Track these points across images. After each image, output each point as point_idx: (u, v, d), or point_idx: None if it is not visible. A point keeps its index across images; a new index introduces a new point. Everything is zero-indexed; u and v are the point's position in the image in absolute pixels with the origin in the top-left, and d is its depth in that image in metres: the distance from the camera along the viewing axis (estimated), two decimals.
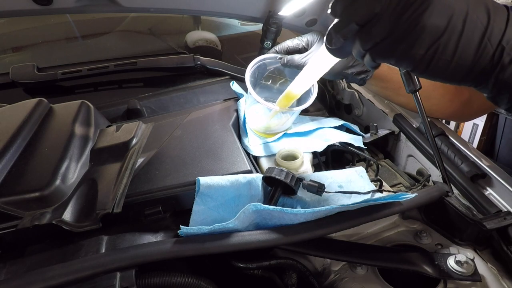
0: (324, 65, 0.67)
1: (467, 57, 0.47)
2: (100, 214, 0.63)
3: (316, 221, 0.62)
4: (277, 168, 0.69)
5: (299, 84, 0.78)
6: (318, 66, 0.69)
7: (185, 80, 1.16)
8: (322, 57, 0.64)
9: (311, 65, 0.71)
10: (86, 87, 1.12)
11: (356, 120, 1.13)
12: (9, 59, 1.43)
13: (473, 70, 0.48)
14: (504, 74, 0.48)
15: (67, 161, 0.69)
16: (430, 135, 0.74)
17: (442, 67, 0.48)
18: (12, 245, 0.63)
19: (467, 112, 0.95)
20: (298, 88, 0.79)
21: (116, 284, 0.52)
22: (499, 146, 1.66)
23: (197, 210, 0.67)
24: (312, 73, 0.73)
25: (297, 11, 1.00)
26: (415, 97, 0.73)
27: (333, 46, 0.53)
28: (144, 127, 0.82)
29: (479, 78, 0.49)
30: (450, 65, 0.47)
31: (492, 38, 0.46)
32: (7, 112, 0.81)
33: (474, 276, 0.61)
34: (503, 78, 0.48)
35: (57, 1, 0.90)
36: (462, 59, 0.47)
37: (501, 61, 0.47)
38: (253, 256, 0.66)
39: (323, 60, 0.65)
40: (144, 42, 1.54)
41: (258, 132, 0.92)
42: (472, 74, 0.49)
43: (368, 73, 0.88)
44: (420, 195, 0.68)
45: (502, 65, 0.47)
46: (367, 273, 0.67)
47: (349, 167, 0.87)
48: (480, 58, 0.47)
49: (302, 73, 0.75)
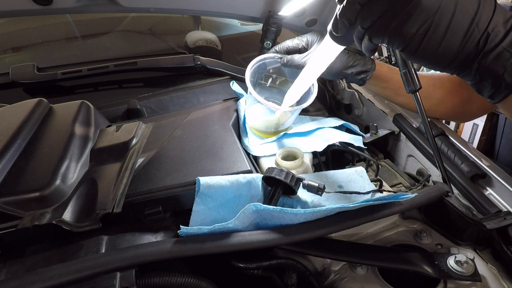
0: (328, 56, 0.68)
1: (455, 41, 0.49)
2: (100, 214, 0.62)
3: (316, 221, 0.62)
4: (277, 168, 0.69)
5: (305, 77, 0.79)
6: (322, 58, 0.70)
7: (185, 80, 1.16)
8: (326, 48, 0.66)
9: (315, 58, 0.73)
10: (86, 87, 1.12)
11: (356, 120, 1.13)
12: (9, 59, 1.43)
13: (459, 54, 0.50)
14: (486, 60, 0.49)
15: (67, 161, 0.69)
16: (430, 135, 0.74)
17: (431, 48, 0.50)
18: (12, 245, 0.63)
19: (467, 112, 0.95)
20: (304, 82, 0.80)
21: (116, 284, 0.52)
22: (499, 146, 1.66)
23: (197, 210, 0.67)
24: (316, 67, 0.74)
25: (297, 11, 1.00)
26: (415, 97, 0.73)
27: (339, 32, 0.56)
28: (144, 127, 0.82)
29: (464, 64, 0.51)
30: (439, 47, 0.49)
31: (480, 25, 0.49)
32: (7, 112, 0.81)
33: (474, 276, 0.61)
34: (485, 64, 0.50)
35: (57, 1, 0.90)
36: (451, 42, 0.49)
37: (485, 47, 0.49)
38: (253, 256, 0.66)
39: (327, 51, 0.67)
40: (144, 42, 1.54)
41: (258, 132, 0.92)
42: (458, 59, 0.50)
43: (368, 73, 0.88)
44: (420, 195, 0.68)
45: (485, 51, 0.49)
46: (367, 273, 0.67)
47: (349, 167, 0.87)
48: (467, 43, 0.49)
49: (306, 68, 0.76)
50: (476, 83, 0.54)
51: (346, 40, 0.59)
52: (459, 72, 0.53)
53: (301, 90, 0.82)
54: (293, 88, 0.83)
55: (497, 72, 0.50)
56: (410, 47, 0.50)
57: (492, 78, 0.51)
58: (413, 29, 0.48)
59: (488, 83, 0.53)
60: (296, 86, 0.82)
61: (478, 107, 0.93)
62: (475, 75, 0.52)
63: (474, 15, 0.48)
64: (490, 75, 0.51)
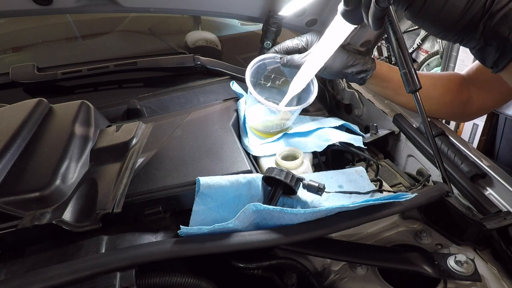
0: (337, 38, 0.69)
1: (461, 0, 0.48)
2: (100, 214, 0.62)
3: (316, 221, 0.62)
4: (277, 168, 0.69)
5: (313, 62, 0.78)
6: (332, 41, 0.70)
7: (185, 80, 1.16)
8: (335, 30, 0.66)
9: (323, 42, 0.72)
10: (86, 87, 1.12)
11: (356, 120, 1.13)
12: (9, 59, 1.43)
13: (465, 14, 0.49)
14: (492, 21, 0.48)
15: (67, 161, 0.69)
16: (430, 135, 0.74)
17: (437, 6, 0.49)
18: (12, 245, 0.63)
19: (467, 112, 0.96)
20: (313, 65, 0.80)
21: (116, 284, 0.52)
22: (499, 146, 1.65)
23: (197, 210, 0.67)
24: (324, 50, 0.74)
25: (297, 11, 1.00)
26: (415, 97, 0.73)
27: (349, 5, 0.56)
28: (144, 127, 0.82)
29: (469, 26, 0.50)
30: (445, 6, 0.48)
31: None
32: (7, 112, 0.81)
33: (474, 276, 0.61)
34: (491, 25, 0.49)
35: (57, 1, 0.90)
36: (457, 0, 0.48)
37: (492, 8, 0.48)
38: (253, 256, 0.66)
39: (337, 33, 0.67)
40: (144, 42, 1.54)
41: (258, 132, 0.92)
42: (464, 20, 0.49)
43: (368, 72, 0.88)
44: (420, 195, 0.68)
45: (491, 12, 0.48)
46: (367, 273, 0.67)
47: (349, 167, 0.87)
48: (474, 2, 0.48)
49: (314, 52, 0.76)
50: (480, 48, 0.53)
51: (356, 16, 0.59)
52: (463, 37, 0.52)
53: (308, 77, 0.82)
54: (299, 75, 0.82)
55: (503, 34, 0.49)
56: (414, 5, 0.49)
57: (498, 41, 0.50)
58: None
59: (492, 47, 0.51)
60: (303, 73, 0.81)
61: (478, 107, 0.93)
62: (479, 38, 0.51)
63: None
64: (496, 37, 0.50)
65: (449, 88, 0.90)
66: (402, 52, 0.66)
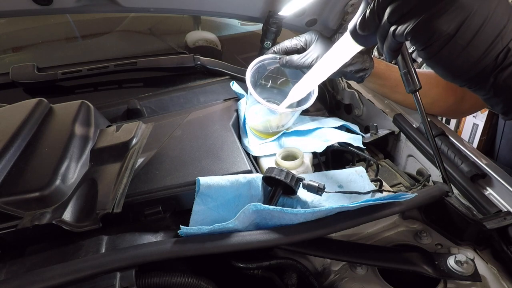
0: (343, 56, 0.67)
1: (478, 49, 0.47)
2: (100, 214, 0.62)
3: (316, 221, 0.62)
4: (277, 168, 0.69)
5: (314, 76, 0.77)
6: (337, 58, 0.68)
7: (185, 80, 1.16)
8: (343, 48, 0.64)
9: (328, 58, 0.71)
10: (86, 87, 1.12)
11: (356, 120, 1.13)
12: (9, 59, 1.43)
13: (478, 65, 0.48)
14: (502, 75, 0.48)
15: (67, 161, 0.69)
16: (430, 135, 0.74)
17: (453, 52, 0.48)
18: (12, 245, 0.63)
19: (460, 110, 0.98)
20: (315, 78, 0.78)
21: (116, 284, 0.52)
22: (499, 146, 1.65)
23: (197, 210, 0.67)
24: (328, 67, 0.72)
25: (297, 11, 1.00)
26: (415, 97, 0.73)
27: (366, 31, 0.54)
28: (144, 127, 0.82)
29: (479, 76, 0.50)
30: (461, 53, 0.47)
31: (504, 38, 0.47)
32: (7, 112, 0.81)
33: (474, 276, 0.61)
34: (501, 79, 0.49)
35: (57, 1, 0.90)
36: (474, 49, 0.47)
37: (504, 62, 0.47)
38: (253, 256, 0.66)
39: (343, 51, 0.65)
40: (144, 42, 1.54)
41: (258, 132, 0.92)
42: (475, 70, 0.49)
43: (367, 71, 0.88)
44: (420, 195, 0.68)
45: (503, 66, 0.48)
46: (367, 273, 0.67)
47: (349, 167, 0.87)
48: (489, 54, 0.47)
49: (317, 66, 0.75)
50: (489, 98, 0.53)
51: (369, 40, 0.57)
52: (470, 85, 0.52)
53: (308, 89, 0.82)
54: (299, 85, 0.81)
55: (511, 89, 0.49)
56: (432, 47, 0.48)
57: (506, 95, 0.50)
58: (444, 26, 0.46)
59: (500, 100, 0.51)
60: (303, 84, 0.80)
61: (471, 105, 0.95)
62: (489, 89, 0.51)
63: (503, 27, 0.46)
64: (505, 91, 0.50)
65: (445, 87, 0.91)
66: (402, 52, 0.66)
